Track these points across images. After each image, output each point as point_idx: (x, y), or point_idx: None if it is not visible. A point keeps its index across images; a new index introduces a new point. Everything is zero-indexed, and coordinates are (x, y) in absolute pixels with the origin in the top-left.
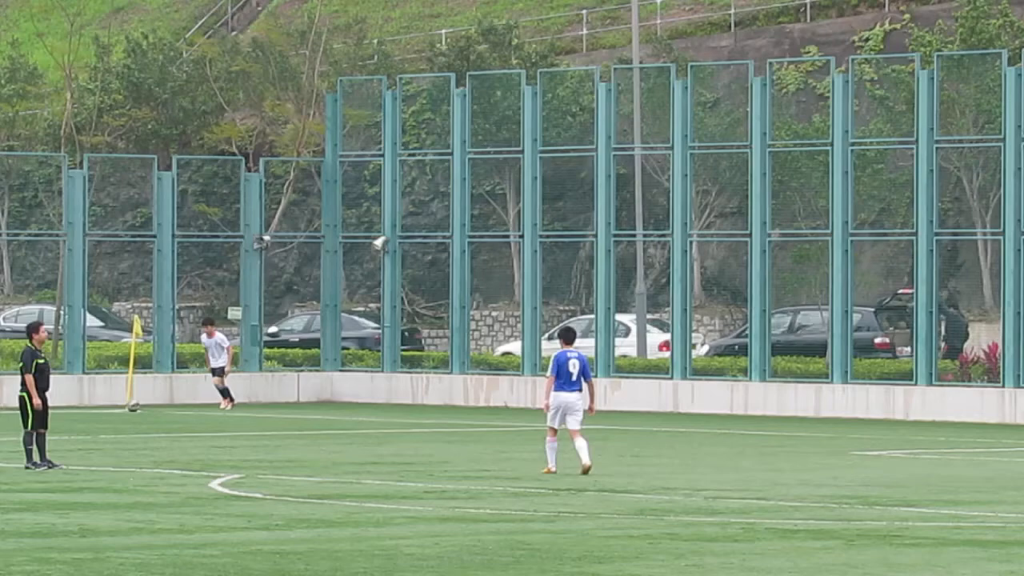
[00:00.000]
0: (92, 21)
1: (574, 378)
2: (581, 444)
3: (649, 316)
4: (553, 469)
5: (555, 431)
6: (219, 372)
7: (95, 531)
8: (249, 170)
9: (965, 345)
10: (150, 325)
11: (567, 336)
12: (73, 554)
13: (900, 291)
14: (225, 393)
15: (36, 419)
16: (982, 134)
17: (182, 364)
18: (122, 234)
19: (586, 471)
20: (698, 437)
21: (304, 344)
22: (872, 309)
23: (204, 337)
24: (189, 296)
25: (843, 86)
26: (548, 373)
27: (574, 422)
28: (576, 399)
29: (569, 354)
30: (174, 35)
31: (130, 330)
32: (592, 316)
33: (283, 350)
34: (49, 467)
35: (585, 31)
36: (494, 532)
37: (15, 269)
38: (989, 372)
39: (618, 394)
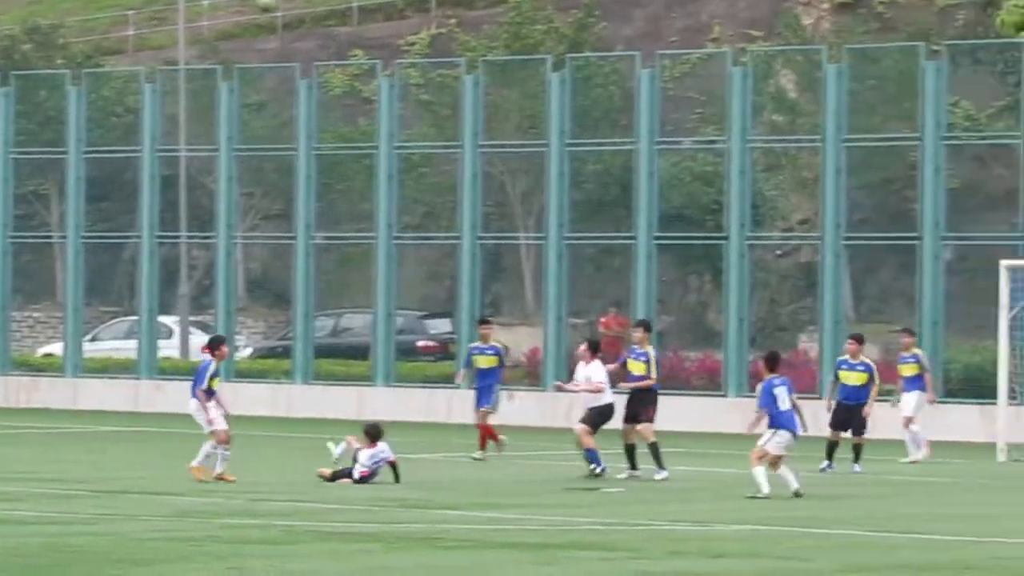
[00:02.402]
0: None
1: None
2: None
3: (192, 318)
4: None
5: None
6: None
7: None
8: None
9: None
10: None
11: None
12: None
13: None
14: None
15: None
16: (526, 139)
17: None
18: None
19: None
20: (240, 439)
21: None
22: (417, 313)
23: None
24: None
25: (389, 90)
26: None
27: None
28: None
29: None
30: None
31: None
32: (135, 318)
33: None
34: None
35: (132, 32)
36: (36, 535)
37: None
38: (530, 375)
39: (161, 396)
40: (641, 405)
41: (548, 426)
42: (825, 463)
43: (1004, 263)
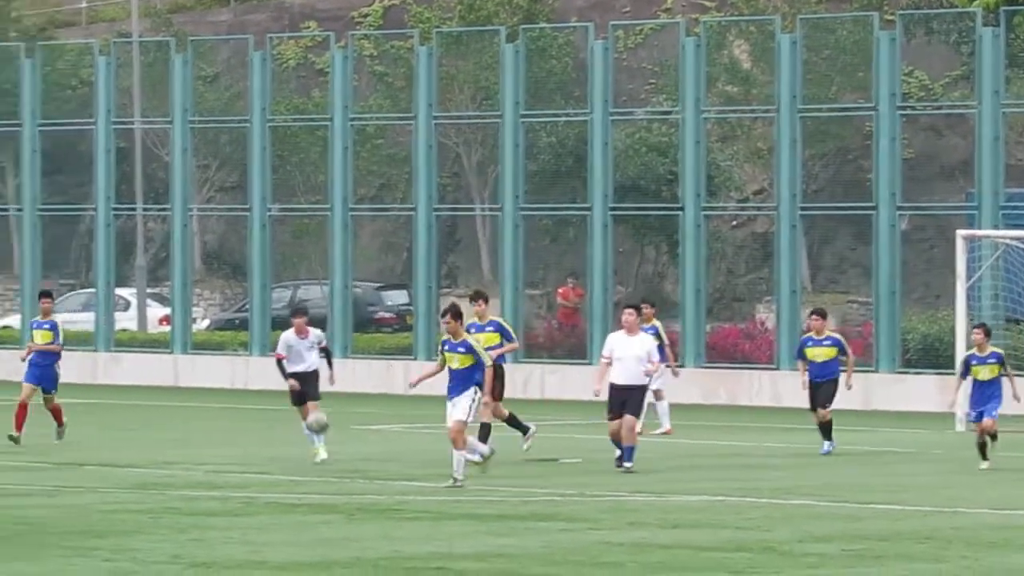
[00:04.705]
0: None
1: None
2: None
3: (149, 290)
4: None
5: None
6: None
7: None
8: None
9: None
10: None
11: None
12: None
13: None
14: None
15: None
16: (481, 110)
17: None
18: None
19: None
20: (199, 411)
21: None
22: (374, 284)
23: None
24: None
25: (342, 62)
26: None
27: None
28: None
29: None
30: None
31: None
32: (92, 290)
33: None
34: None
35: (85, 4)
36: None
37: None
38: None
39: (119, 368)
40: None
41: (505, 397)
42: (826, 445)
43: (960, 233)
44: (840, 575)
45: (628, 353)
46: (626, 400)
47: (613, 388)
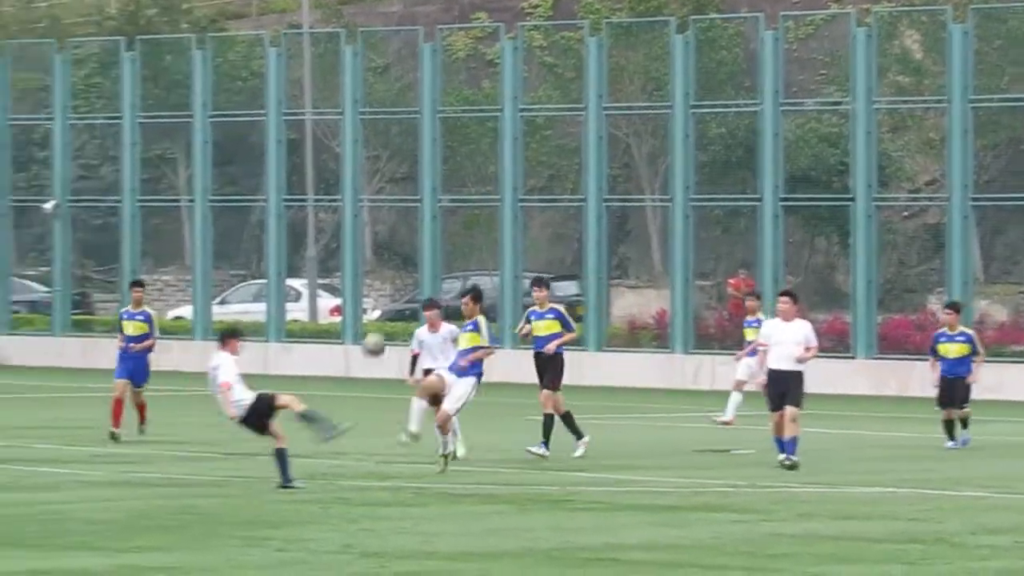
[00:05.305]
0: None
1: None
2: None
3: (320, 281)
4: None
5: None
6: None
7: None
8: None
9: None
10: None
11: None
12: None
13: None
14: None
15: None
16: (651, 101)
17: None
18: None
19: None
20: (369, 402)
21: None
22: (544, 275)
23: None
24: None
25: (512, 53)
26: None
27: None
28: None
29: None
30: None
31: None
32: (263, 281)
33: None
34: None
35: None
36: (164, 497)
37: None
38: (658, 338)
39: (289, 359)
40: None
41: (675, 388)
42: (949, 442)
43: None
44: (1013, 567)
45: (785, 338)
46: (785, 391)
47: (771, 373)
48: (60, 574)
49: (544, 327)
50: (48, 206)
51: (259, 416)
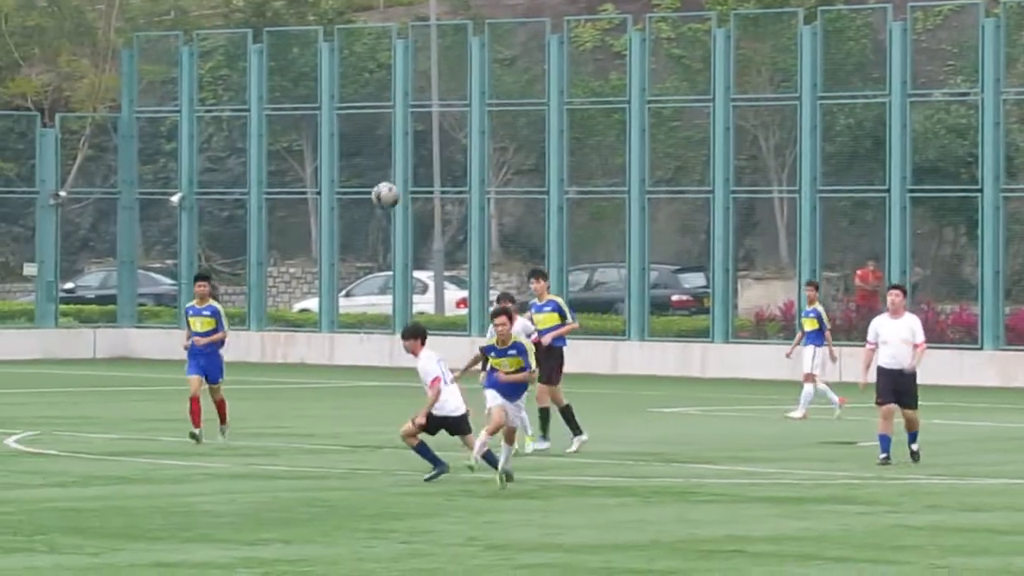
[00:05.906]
0: None
1: None
2: None
3: (447, 273)
4: None
5: None
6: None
7: None
8: (45, 125)
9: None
10: None
11: None
12: None
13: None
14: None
15: None
16: (778, 92)
17: None
18: None
19: None
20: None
21: (100, 300)
22: (671, 267)
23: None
24: None
25: (640, 44)
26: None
27: None
28: None
29: None
30: None
31: None
32: (390, 273)
33: (79, 306)
34: None
35: None
36: (290, 489)
37: None
38: (785, 329)
39: None
40: None
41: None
42: None
43: None
44: None
45: (895, 336)
46: (899, 391)
47: (881, 372)
48: (185, 567)
49: (544, 320)
50: (175, 199)
51: (448, 429)
